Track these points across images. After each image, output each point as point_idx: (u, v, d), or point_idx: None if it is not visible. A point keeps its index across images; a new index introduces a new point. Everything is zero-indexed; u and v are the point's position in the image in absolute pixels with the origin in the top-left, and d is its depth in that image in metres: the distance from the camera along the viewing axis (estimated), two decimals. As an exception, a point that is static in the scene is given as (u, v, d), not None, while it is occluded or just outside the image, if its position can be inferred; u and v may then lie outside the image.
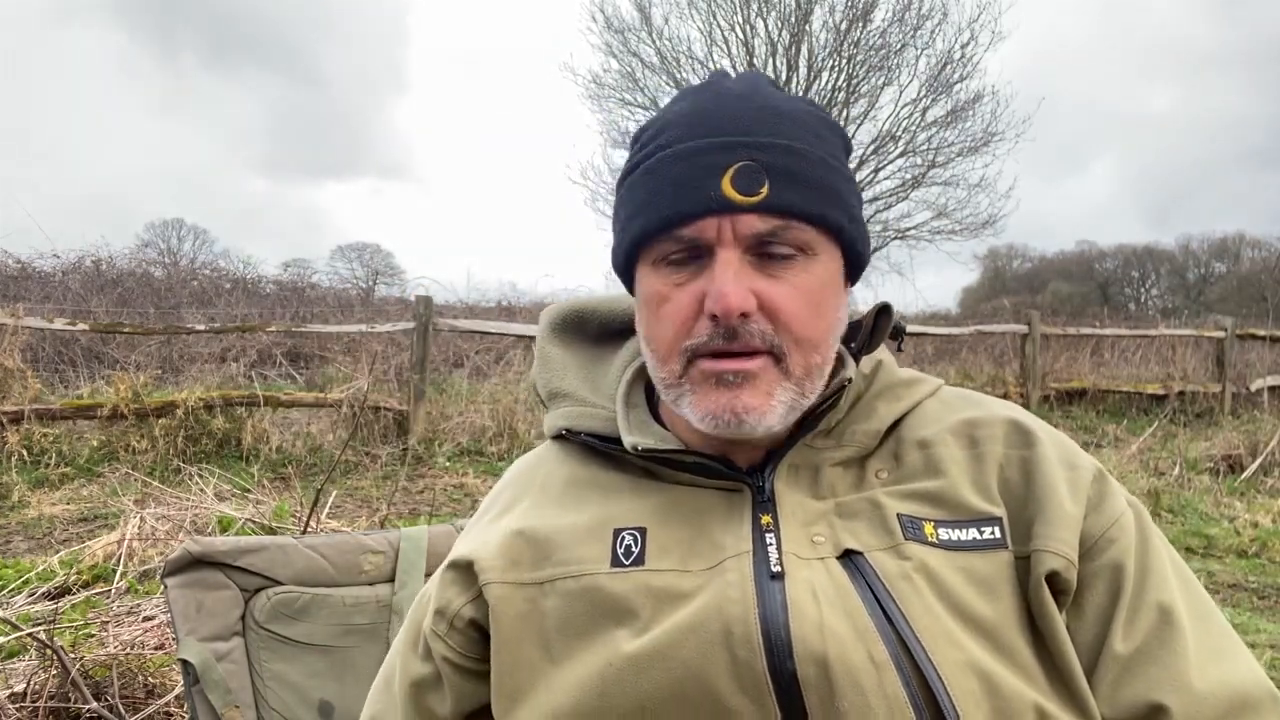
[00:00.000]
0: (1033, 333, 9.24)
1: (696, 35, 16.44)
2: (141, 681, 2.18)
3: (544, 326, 0.97)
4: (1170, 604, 0.72)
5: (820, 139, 0.77)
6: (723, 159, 0.72)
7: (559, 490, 0.84)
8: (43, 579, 3.38)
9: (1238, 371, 10.28)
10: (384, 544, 1.23)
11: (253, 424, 6.36)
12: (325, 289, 16.44)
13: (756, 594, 0.70)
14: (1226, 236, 38.76)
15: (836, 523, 0.75)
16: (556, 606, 0.75)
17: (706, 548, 0.74)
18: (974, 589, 0.71)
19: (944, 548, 0.73)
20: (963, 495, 0.76)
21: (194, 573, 1.09)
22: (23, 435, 5.85)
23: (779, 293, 0.73)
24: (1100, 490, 0.77)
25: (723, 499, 0.78)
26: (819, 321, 0.75)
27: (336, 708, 1.12)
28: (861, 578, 0.71)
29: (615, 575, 0.74)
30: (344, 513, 4.81)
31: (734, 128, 0.74)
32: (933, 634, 0.67)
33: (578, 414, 0.88)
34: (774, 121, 0.75)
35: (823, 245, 0.76)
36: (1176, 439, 8.05)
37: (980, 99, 15.67)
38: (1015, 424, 0.81)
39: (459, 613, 0.79)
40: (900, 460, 0.80)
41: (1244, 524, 5.29)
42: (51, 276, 12.23)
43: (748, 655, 0.67)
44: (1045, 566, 0.71)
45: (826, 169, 0.76)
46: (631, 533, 0.77)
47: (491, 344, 10.59)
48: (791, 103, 0.79)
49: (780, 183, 0.72)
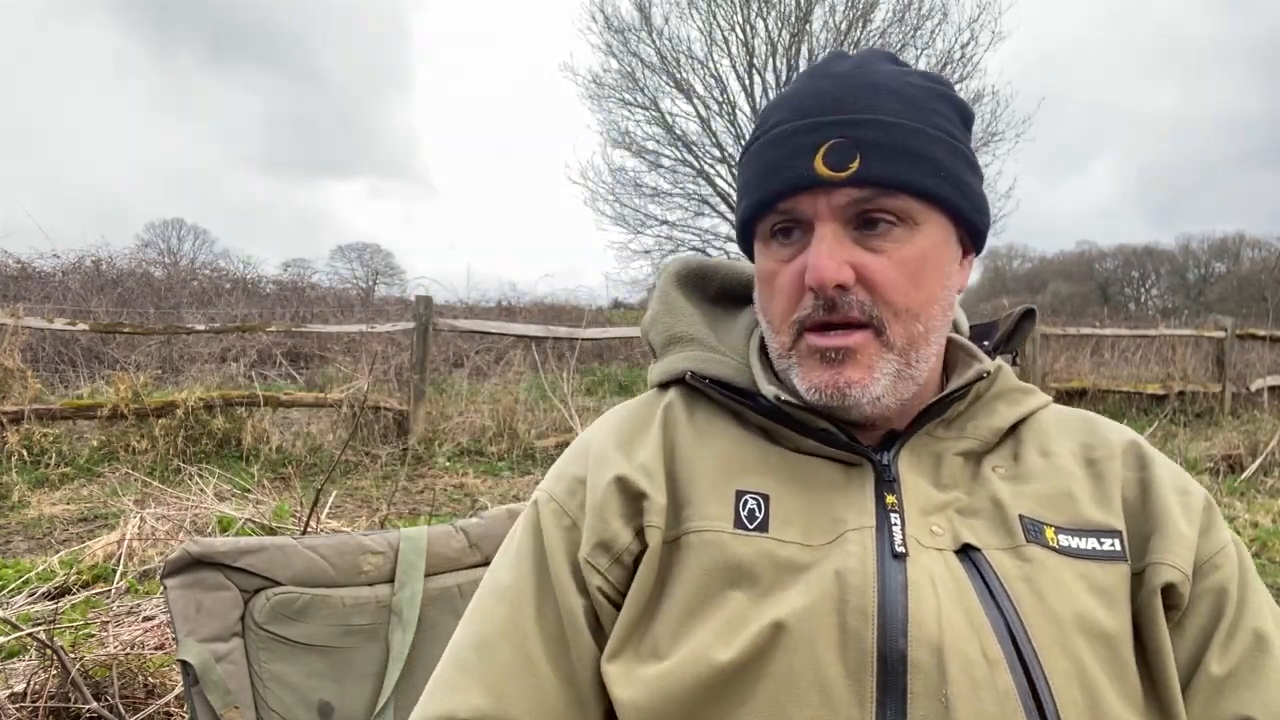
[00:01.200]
0: (1033, 333, 9.23)
1: (696, 35, 16.48)
2: (141, 681, 2.18)
3: (668, 276, 0.97)
4: (1266, 632, 0.74)
5: (926, 110, 0.77)
6: (815, 138, 0.75)
7: (684, 439, 0.83)
8: (43, 579, 3.38)
9: (1238, 371, 10.28)
10: (384, 544, 1.23)
11: (253, 424, 6.36)
12: (325, 289, 16.47)
13: (877, 568, 0.70)
14: (1226, 236, 38.83)
15: (956, 518, 0.76)
16: (684, 560, 0.75)
17: (827, 522, 0.75)
18: (1093, 598, 0.71)
19: (1064, 554, 0.73)
20: (1083, 505, 0.77)
21: (193, 573, 1.09)
22: (23, 435, 5.85)
23: (876, 264, 0.75)
24: (1210, 518, 0.79)
25: (842, 472, 0.79)
26: (917, 292, 0.76)
27: (336, 708, 1.12)
28: (979, 575, 0.71)
29: (739, 537, 0.75)
30: (344, 513, 4.81)
31: (828, 108, 0.76)
32: (1047, 638, 0.68)
33: (706, 359, 0.87)
34: (870, 97, 0.76)
35: (926, 215, 0.76)
36: (1176, 439, 8.05)
37: (980, 99, 15.68)
38: (1133, 446, 0.83)
39: (627, 548, 0.77)
40: (1020, 461, 0.81)
41: (1244, 524, 5.29)
42: (51, 276, 12.24)
43: (859, 625, 0.68)
44: (1162, 579, 0.73)
45: (926, 139, 0.76)
46: (755, 497, 0.77)
47: (491, 344, 10.59)
48: (899, 77, 0.79)
49: (871, 155, 0.74)
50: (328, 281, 20.36)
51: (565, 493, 0.82)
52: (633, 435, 0.85)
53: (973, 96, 15.67)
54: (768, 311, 0.82)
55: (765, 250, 0.81)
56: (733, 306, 0.98)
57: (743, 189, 0.82)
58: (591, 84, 17.01)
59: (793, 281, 0.78)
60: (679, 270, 0.97)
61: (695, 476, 0.79)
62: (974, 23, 16.27)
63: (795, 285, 0.78)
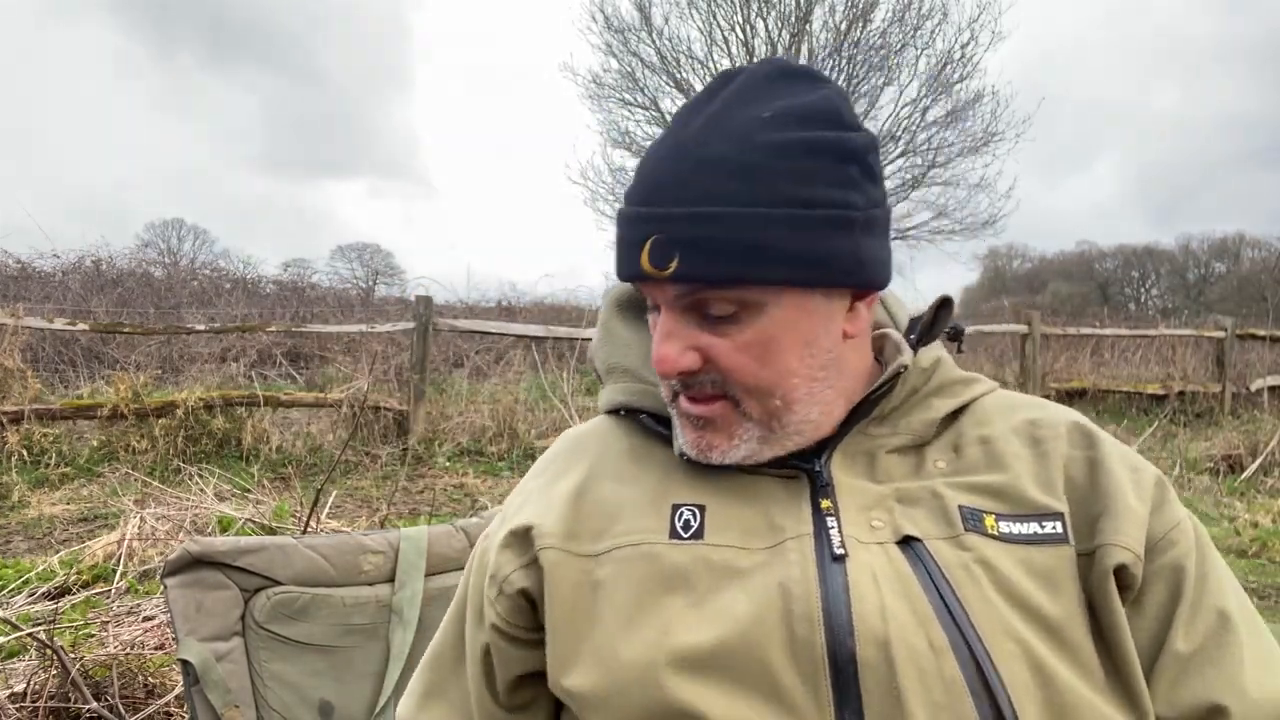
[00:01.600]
0: (1033, 333, 9.24)
1: (696, 35, 16.44)
2: (141, 681, 2.18)
3: (609, 303, 0.97)
4: (1228, 610, 0.73)
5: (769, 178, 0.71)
6: (641, 232, 0.74)
7: (617, 463, 0.84)
8: (43, 579, 3.38)
9: (1238, 371, 10.28)
10: (384, 544, 1.23)
11: (253, 424, 6.36)
12: (325, 289, 16.46)
13: (818, 574, 0.71)
14: (1226, 236, 38.82)
15: (896, 508, 0.76)
16: (611, 575, 0.75)
17: (765, 528, 0.76)
18: (1034, 582, 0.72)
19: (1004, 540, 0.74)
20: (1025, 490, 0.77)
21: (194, 573, 1.09)
22: (23, 435, 5.86)
23: (719, 348, 0.75)
24: (1162, 495, 0.78)
25: (780, 485, 0.79)
26: (766, 370, 0.75)
27: (336, 708, 1.12)
28: (921, 564, 0.72)
29: (674, 545, 0.75)
30: (344, 513, 4.81)
31: (653, 196, 0.74)
32: (989, 622, 0.69)
33: (638, 391, 0.88)
34: (695, 178, 0.72)
35: (770, 296, 0.73)
36: (1176, 439, 8.05)
37: (980, 99, 15.67)
38: (1078, 425, 0.82)
39: (509, 578, 0.79)
40: (960, 453, 0.81)
41: (1244, 524, 5.29)
42: (51, 276, 12.24)
43: (807, 632, 0.68)
44: (1113, 560, 0.72)
45: (756, 224, 0.71)
46: (690, 508, 0.78)
47: (491, 344, 10.59)
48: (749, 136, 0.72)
49: (689, 254, 0.72)
50: (328, 281, 20.36)
51: (494, 528, 0.86)
52: (560, 463, 0.87)
53: (973, 96, 15.68)
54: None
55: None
56: None
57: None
58: (591, 84, 17.01)
59: None
60: (619, 297, 0.96)
61: (629, 497, 0.80)
62: (974, 23, 16.24)
63: None
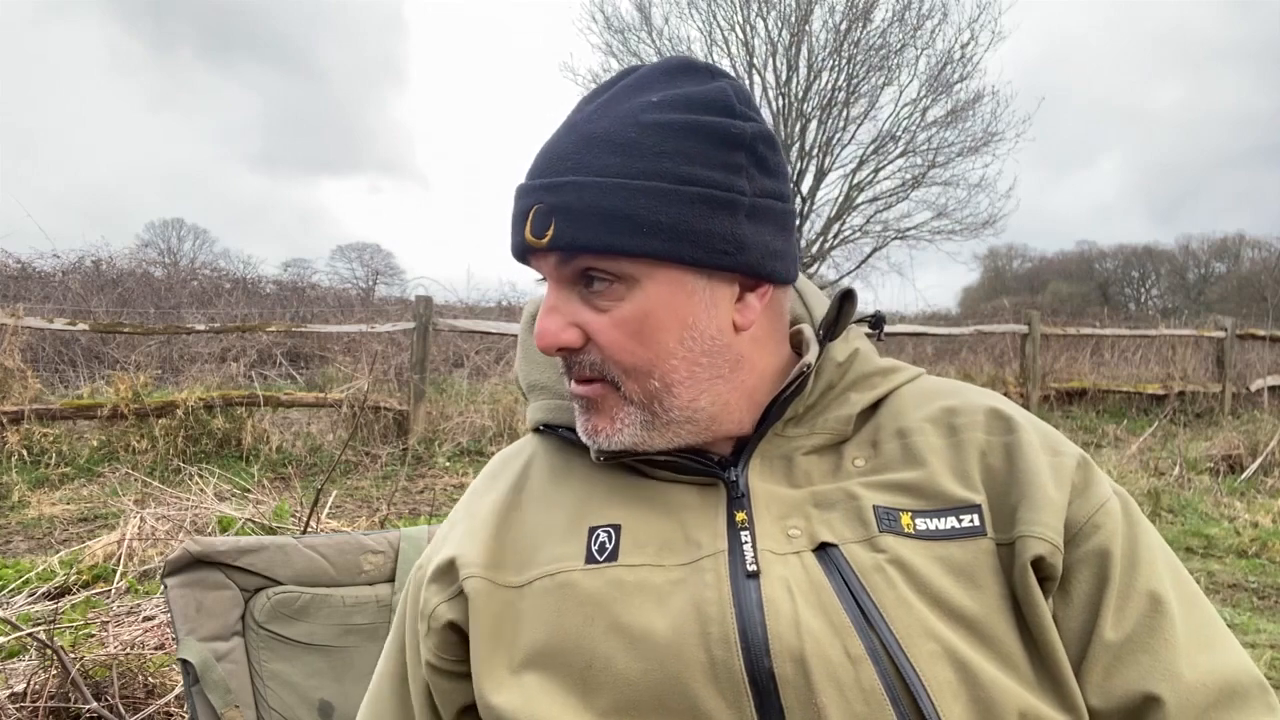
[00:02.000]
0: (1033, 333, 9.24)
1: (696, 35, 16.45)
2: (141, 681, 2.18)
3: (525, 318, 0.96)
4: (1160, 592, 0.72)
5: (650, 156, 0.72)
6: (526, 204, 0.76)
7: (539, 486, 0.84)
8: (43, 579, 3.38)
9: (1238, 371, 10.28)
10: (384, 544, 1.23)
11: (253, 424, 6.36)
12: (325, 289, 16.48)
13: (732, 593, 0.70)
14: (1226, 236, 38.76)
15: (813, 514, 0.75)
16: (531, 608, 0.75)
17: (682, 544, 0.75)
18: (952, 578, 0.71)
19: (920, 538, 0.72)
20: (941, 484, 0.75)
21: (194, 573, 1.09)
22: (23, 435, 5.86)
23: (598, 324, 0.76)
24: (1085, 477, 0.76)
25: (697, 493, 0.78)
26: (644, 349, 0.75)
27: (336, 708, 1.12)
28: (836, 571, 0.71)
29: (589, 572, 0.74)
30: (344, 513, 4.81)
31: (540, 169, 0.76)
32: (906, 625, 0.67)
33: (555, 407, 0.88)
34: (578, 153, 0.74)
35: (645, 271, 0.73)
36: (1176, 439, 8.05)
37: (980, 99, 15.68)
38: (996, 411, 0.80)
39: (435, 612, 0.79)
40: (878, 448, 0.79)
41: (1244, 524, 5.29)
42: (51, 276, 12.24)
43: (724, 654, 0.67)
44: (1030, 552, 0.70)
45: (629, 194, 0.72)
46: (606, 529, 0.77)
47: (491, 344, 10.59)
48: (634, 116, 0.74)
49: (562, 221, 0.73)
50: (328, 281, 20.39)
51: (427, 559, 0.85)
52: (485, 490, 0.87)
53: (973, 96, 15.68)
54: None
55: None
56: None
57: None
58: (591, 84, 17.00)
59: None
60: (534, 312, 0.94)
61: (550, 522, 0.80)
62: (974, 23, 16.30)
63: None
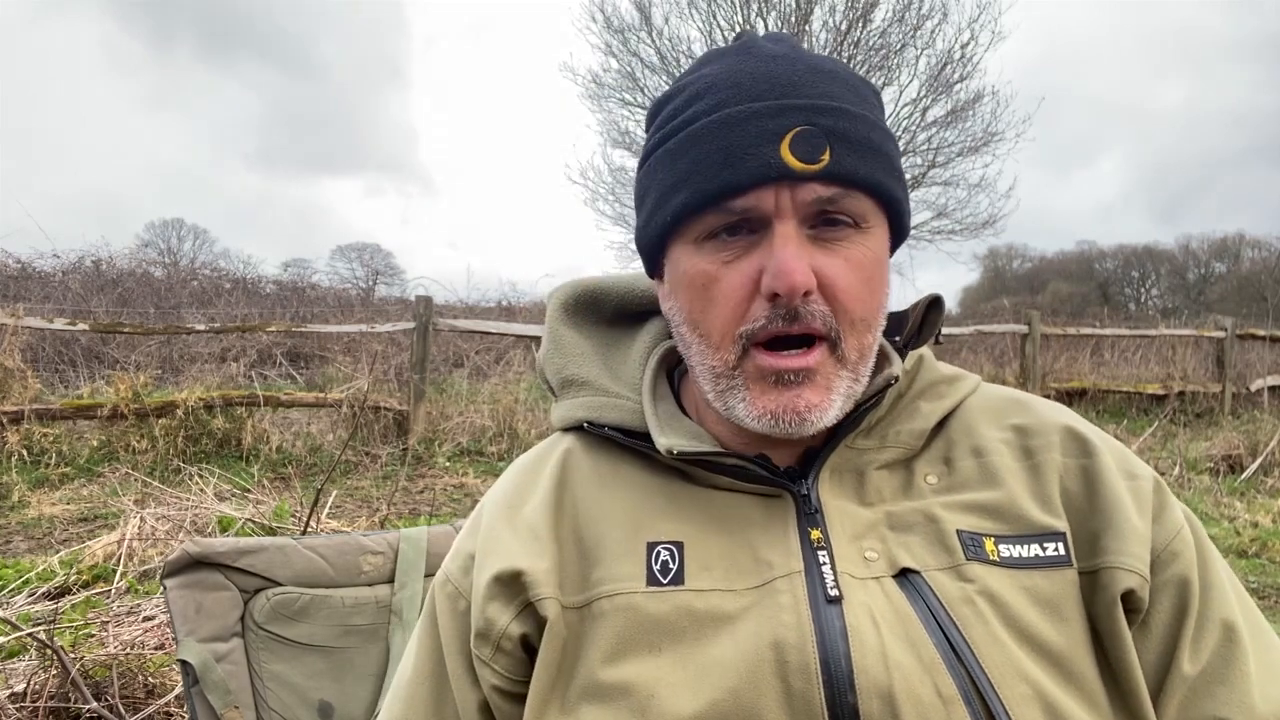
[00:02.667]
0: (1033, 333, 9.24)
1: (696, 35, 16.41)
2: (141, 681, 2.18)
3: (555, 307, 0.88)
4: (1233, 621, 0.69)
5: (866, 101, 0.71)
6: (779, 123, 0.66)
7: (585, 493, 0.76)
8: (43, 579, 3.38)
9: (1238, 371, 10.28)
10: (384, 545, 1.23)
11: (253, 424, 6.36)
12: (325, 289, 16.48)
13: (813, 619, 0.65)
14: (1226, 236, 38.78)
15: (889, 536, 0.70)
16: (591, 631, 0.69)
17: (750, 563, 0.69)
18: (1039, 611, 0.67)
19: (1006, 566, 0.68)
20: (1023, 508, 0.71)
21: (193, 573, 1.09)
22: (23, 435, 5.86)
23: (836, 269, 0.68)
24: (1161, 500, 0.73)
25: (762, 506, 0.73)
26: (872, 299, 0.71)
27: (336, 708, 1.12)
28: (921, 601, 0.66)
29: (653, 595, 0.68)
30: (344, 513, 4.81)
31: (785, 90, 0.67)
32: (999, 665, 0.63)
33: (600, 404, 0.80)
34: (825, 83, 0.69)
35: (875, 216, 0.71)
36: (1176, 439, 8.05)
37: (980, 99, 15.66)
38: (1071, 431, 0.76)
39: (506, 632, 0.71)
40: (952, 466, 0.75)
41: (1244, 524, 5.29)
42: (51, 276, 12.23)
43: (804, 686, 0.62)
44: (1121, 585, 0.67)
45: (880, 134, 0.70)
46: (668, 547, 0.71)
47: (491, 344, 10.59)
48: (832, 63, 0.72)
49: (841, 148, 0.66)
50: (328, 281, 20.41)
51: (460, 572, 0.77)
52: (523, 493, 0.79)
53: (973, 96, 15.66)
54: (701, 324, 0.72)
55: (696, 251, 0.71)
56: (632, 325, 0.90)
57: (679, 179, 0.70)
58: (591, 84, 16.98)
59: (742, 287, 0.69)
60: (565, 299, 0.88)
61: (600, 532, 0.73)
62: (974, 23, 16.25)
63: (745, 292, 0.69)
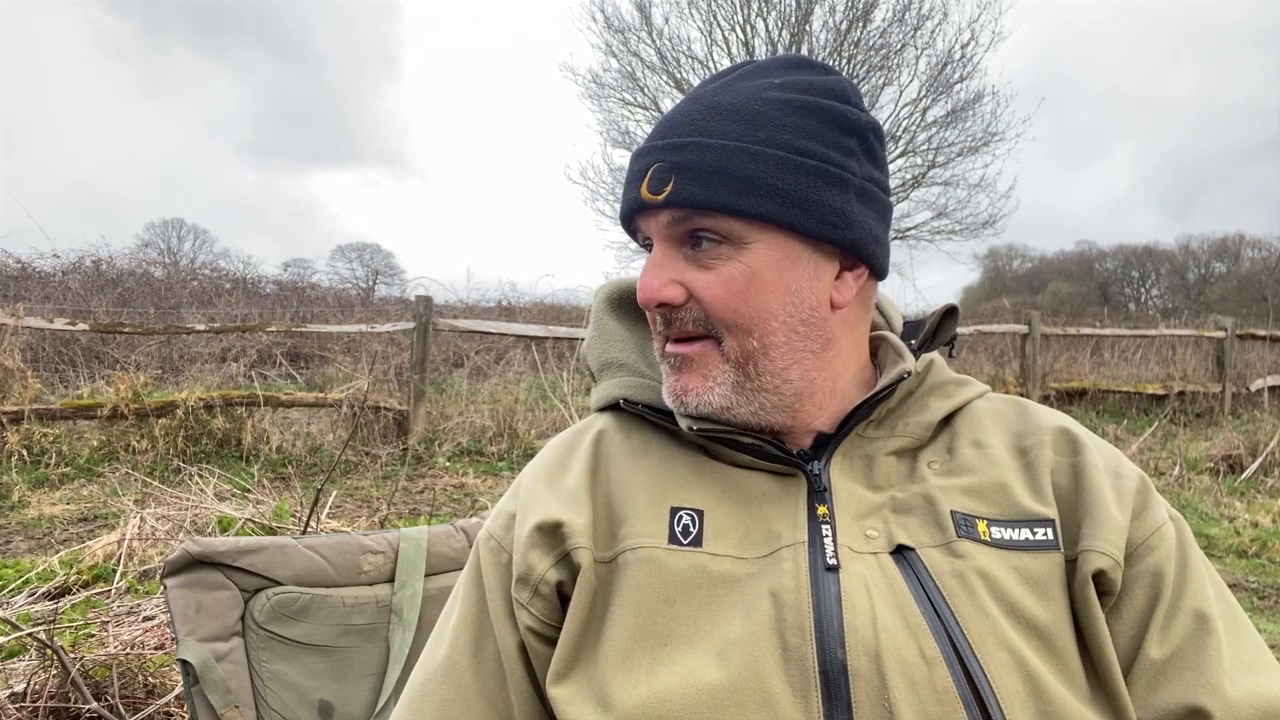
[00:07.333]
0: (1033, 333, 9.24)
1: (696, 35, 16.48)
2: (141, 681, 2.18)
3: (601, 300, 0.99)
4: (1207, 612, 0.73)
5: (769, 127, 0.77)
6: (644, 163, 0.80)
7: (619, 461, 0.85)
8: (43, 579, 3.38)
9: (1238, 371, 10.28)
10: (384, 544, 1.23)
11: (253, 424, 6.36)
12: (325, 289, 16.48)
13: (811, 584, 0.71)
14: (1226, 236, 38.79)
15: (891, 517, 0.77)
16: (617, 582, 0.76)
17: (762, 534, 0.76)
18: (1026, 589, 0.72)
19: (996, 546, 0.74)
20: (1016, 495, 0.78)
21: (193, 573, 1.09)
22: (23, 435, 5.86)
23: (702, 281, 0.78)
24: (1144, 499, 0.79)
25: (777, 483, 0.80)
26: (747, 308, 0.78)
27: (336, 708, 1.12)
28: (913, 574, 0.72)
29: (673, 552, 0.76)
30: (344, 513, 4.81)
31: (666, 131, 0.80)
32: (981, 633, 0.69)
33: (635, 384, 0.90)
34: (702, 119, 0.79)
35: (754, 233, 0.77)
36: (1176, 439, 8.05)
37: (980, 99, 15.67)
38: (1063, 431, 0.83)
39: (544, 577, 0.78)
40: (954, 454, 0.82)
41: (1244, 524, 5.30)
42: (51, 276, 12.23)
43: (798, 642, 0.69)
44: (1092, 565, 0.73)
45: (749, 158, 0.76)
46: (689, 513, 0.78)
47: (491, 344, 10.59)
48: (758, 94, 0.79)
49: (683, 179, 0.77)
50: (328, 281, 20.41)
51: (501, 529, 0.84)
52: (562, 464, 0.86)
53: (973, 96, 15.66)
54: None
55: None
56: None
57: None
58: (591, 83, 16.99)
59: None
60: (610, 294, 0.99)
61: (629, 496, 0.80)
62: (974, 23, 16.30)
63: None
